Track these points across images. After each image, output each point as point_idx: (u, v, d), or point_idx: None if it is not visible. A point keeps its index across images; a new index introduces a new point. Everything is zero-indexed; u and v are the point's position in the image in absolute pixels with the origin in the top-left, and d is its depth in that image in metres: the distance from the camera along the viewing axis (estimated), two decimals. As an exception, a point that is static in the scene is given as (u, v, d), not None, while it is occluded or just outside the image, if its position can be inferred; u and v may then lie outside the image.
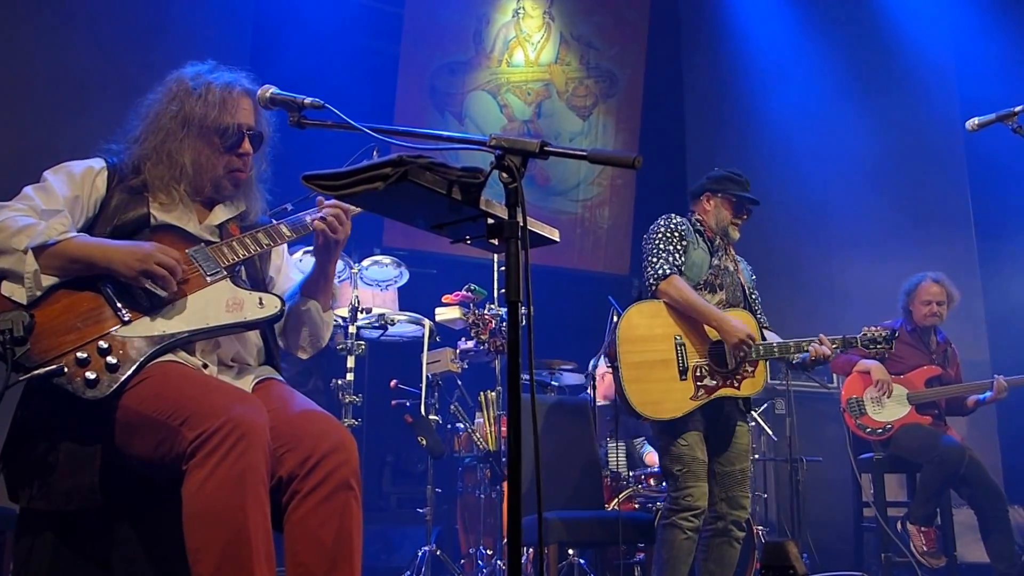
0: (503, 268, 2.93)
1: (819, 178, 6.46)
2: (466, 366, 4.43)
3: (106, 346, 1.86)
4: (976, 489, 4.36)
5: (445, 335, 4.43)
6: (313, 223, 2.15)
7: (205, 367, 2.02)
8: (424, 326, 4.29)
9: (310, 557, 1.83)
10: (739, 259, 3.57)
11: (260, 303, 2.08)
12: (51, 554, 1.90)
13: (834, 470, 5.06)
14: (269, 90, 1.81)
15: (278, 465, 1.87)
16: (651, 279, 3.29)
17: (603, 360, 4.32)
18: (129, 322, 1.92)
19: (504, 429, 4.29)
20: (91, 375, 1.82)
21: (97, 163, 2.11)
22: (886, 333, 3.41)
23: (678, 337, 3.27)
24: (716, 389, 3.25)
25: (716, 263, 3.42)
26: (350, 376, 4.05)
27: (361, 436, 3.86)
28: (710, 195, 3.49)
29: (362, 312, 4.17)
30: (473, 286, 4.09)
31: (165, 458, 1.81)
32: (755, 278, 3.63)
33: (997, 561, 4.29)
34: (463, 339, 4.34)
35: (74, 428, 1.87)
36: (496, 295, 4.34)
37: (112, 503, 1.89)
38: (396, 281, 4.54)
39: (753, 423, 4.60)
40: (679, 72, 7.37)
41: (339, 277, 4.26)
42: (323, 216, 2.14)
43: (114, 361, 1.85)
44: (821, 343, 3.26)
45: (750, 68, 6.90)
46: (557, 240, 1.66)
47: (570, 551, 3.95)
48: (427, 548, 4.09)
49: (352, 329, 4.10)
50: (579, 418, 4.20)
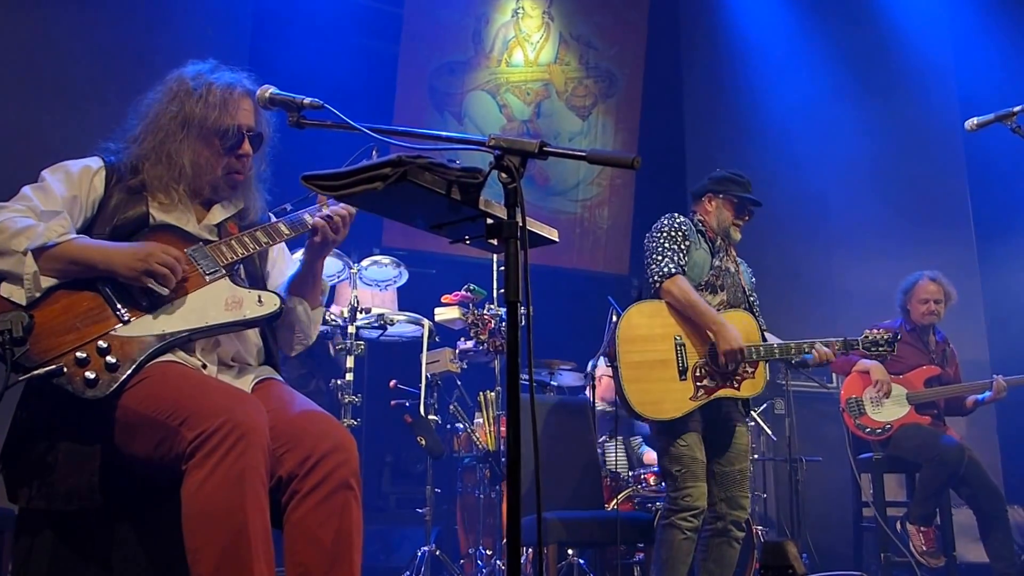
0: (502, 268, 2.93)
1: (818, 178, 6.45)
2: (465, 366, 4.42)
3: (105, 346, 1.86)
4: (975, 489, 4.36)
5: (444, 335, 4.42)
6: (315, 220, 2.15)
7: (204, 367, 2.02)
8: (423, 326, 4.28)
9: (310, 557, 1.83)
10: (740, 261, 3.57)
11: (259, 301, 2.08)
12: (50, 554, 1.90)
13: (833, 470, 5.06)
14: (268, 90, 1.81)
15: (278, 465, 1.87)
16: (655, 277, 3.28)
17: (603, 360, 4.31)
18: (129, 321, 1.92)
19: (503, 429, 4.29)
20: (91, 375, 1.82)
21: (95, 162, 2.10)
22: (888, 336, 3.39)
23: (678, 337, 3.27)
24: (716, 390, 3.25)
25: (717, 264, 3.42)
26: (349, 376, 4.04)
27: (360, 436, 3.85)
28: (712, 196, 3.48)
29: (361, 312, 4.16)
30: (472, 286, 4.09)
31: (165, 458, 1.81)
32: (755, 280, 3.63)
33: (996, 561, 4.29)
34: (462, 339, 4.33)
35: (74, 428, 1.88)
36: (495, 295, 4.34)
37: (112, 503, 1.89)
38: (395, 281, 4.53)
39: (752, 423, 4.61)
40: (678, 72, 7.35)
41: (338, 277, 4.27)
42: (328, 215, 2.14)
43: (114, 361, 1.85)
44: (824, 346, 3.27)
45: (749, 68, 6.89)
46: (556, 240, 1.66)
47: (569, 551, 3.95)
48: (426, 548, 4.09)
49: (351, 329, 4.09)
50: (578, 418, 4.19)
